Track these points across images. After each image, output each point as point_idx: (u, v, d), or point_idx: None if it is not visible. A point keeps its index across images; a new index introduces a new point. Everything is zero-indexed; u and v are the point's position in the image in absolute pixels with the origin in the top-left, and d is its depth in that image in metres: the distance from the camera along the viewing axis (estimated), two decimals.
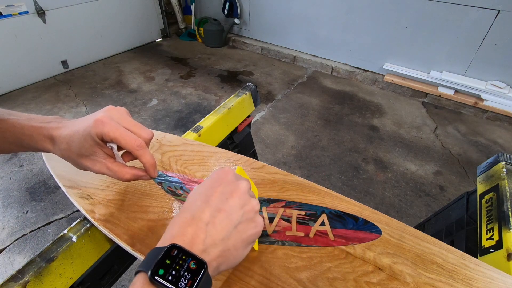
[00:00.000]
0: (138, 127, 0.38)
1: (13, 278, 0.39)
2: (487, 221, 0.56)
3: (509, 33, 2.21)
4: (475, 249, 0.55)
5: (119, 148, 0.39)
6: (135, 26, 3.55)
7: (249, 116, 0.89)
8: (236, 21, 3.58)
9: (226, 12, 3.56)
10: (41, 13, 2.67)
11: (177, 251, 0.27)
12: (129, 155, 0.41)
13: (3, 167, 1.92)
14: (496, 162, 0.64)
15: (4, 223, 1.58)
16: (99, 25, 3.17)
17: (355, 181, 1.88)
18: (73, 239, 0.44)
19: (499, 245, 0.50)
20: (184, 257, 0.26)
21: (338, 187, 1.83)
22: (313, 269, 0.39)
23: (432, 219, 0.82)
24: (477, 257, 0.53)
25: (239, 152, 0.67)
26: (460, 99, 2.56)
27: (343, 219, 0.45)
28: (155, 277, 0.25)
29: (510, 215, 0.52)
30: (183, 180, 0.49)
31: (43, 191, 1.76)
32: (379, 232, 0.43)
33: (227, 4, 3.50)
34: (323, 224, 0.45)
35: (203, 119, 0.73)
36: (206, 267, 0.27)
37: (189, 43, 3.86)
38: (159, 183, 0.46)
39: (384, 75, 2.91)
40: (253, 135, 1.13)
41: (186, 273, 0.26)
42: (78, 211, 1.19)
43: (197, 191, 0.34)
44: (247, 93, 0.84)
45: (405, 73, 2.75)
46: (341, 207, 0.47)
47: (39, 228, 1.57)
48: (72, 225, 0.46)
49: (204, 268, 0.27)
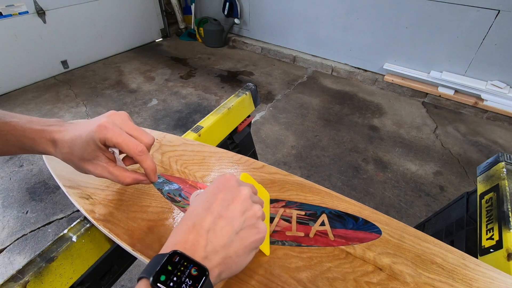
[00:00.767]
0: (139, 132, 0.39)
1: (13, 278, 0.39)
2: (487, 221, 0.56)
3: (509, 33, 2.21)
4: (475, 249, 0.55)
5: (120, 152, 0.40)
6: (135, 26, 3.55)
7: (249, 116, 0.89)
8: (236, 21, 3.58)
9: (226, 12, 3.56)
10: (41, 13, 2.67)
11: (178, 258, 0.27)
12: (130, 159, 0.42)
13: (3, 167, 1.92)
14: (496, 162, 0.64)
15: (4, 223, 1.58)
16: (99, 25, 3.17)
17: (355, 181, 1.88)
18: (73, 239, 0.44)
19: (499, 245, 0.50)
20: (185, 264, 0.27)
21: (338, 187, 1.83)
22: (313, 269, 0.39)
23: (432, 219, 0.82)
24: (477, 257, 0.53)
25: (239, 152, 0.67)
26: (460, 99, 2.56)
27: (343, 219, 0.45)
28: (157, 283, 0.25)
29: (510, 215, 0.52)
30: (182, 184, 0.49)
31: (43, 191, 1.76)
32: (379, 232, 0.43)
33: (227, 4, 3.50)
34: (323, 224, 0.45)
35: (203, 119, 0.73)
36: (207, 274, 0.27)
37: (189, 43, 3.86)
38: (159, 189, 0.47)
39: (384, 75, 2.91)
40: (253, 135, 1.13)
41: (187, 279, 0.26)
42: (78, 211, 1.19)
43: (199, 198, 0.33)
44: (247, 93, 0.84)
45: (405, 73, 2.75)
46: (341, 207, 0.47)
47: (39, 228, 1.57)
48: (72, 225, 0.46)
49: (205, 275, 0.27)
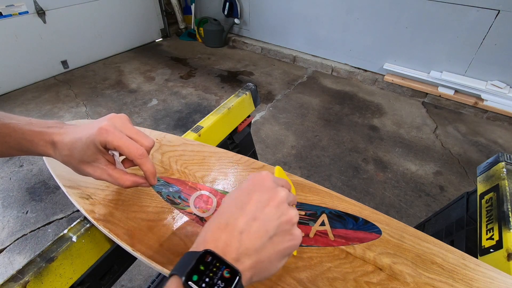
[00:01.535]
0: (139, 135, 0.39)
1: (13, 278, 0.39)
2: (487, 221, 0.56)
3: (509, 33, 2.21)
4: (475, 249, 0.55)
5: (120, 154, 0.40)
6: (135, 26, 3.55)
7: (249, 116, 0.89)
8: (236, 21, 3.58)
9: (226, 12, 3.56)
10: (41, 13, 2.67)
11: (211, 258, 0.26)
12: (129, 162, 0.42)
13: (3, 167, 1.92)
14: (496, 162, 0.64)
15: (4, 223, 1.58)
16: (99, 25, 3.17)
17: (355, 181, 1.88)
18: (73, 239, 0.44)
19: (499, 245, 0.50)
20: (218, 265, 0.26)
21: (338, 187, 1.83)
22: (313, 269, 0.39)
23: (432, 219, 0.82)
24: (477, 257, 0.53)
25: (239, 152, 0.67)
26: (460, 99, 2.56)
27: (343, 219, 0.45)
28: (189, 282, 0.25)
29: (510, 215, 0.52)
30: (182, 186, 0.49)
31: (43, 191, 1.76)
32: (379, 232, 0.43)
33: (227, 4, 3.50)
34: (323, 224, 0.45)
35: (203, 119, 0.73)
36: (240, 277, 0.26)
37: (189, 43, 3.86)
38: (158, 192, 0.47)
39: (384, 75, 2.91)
40: (253, 135, 1.13)
41: (219, 281, 0.25)
42: (78, 211, 1.19)
43: (233, 195, 0.32)
44: (247, 93, 0.84)
45: (405, 73, 2.75)
46: (341, 207, 0.47)
47: (39, 228, 1.57)
48: (72, 225, 0.46)
49: (238, 277, 0.26)
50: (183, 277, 0.25)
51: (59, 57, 2.95)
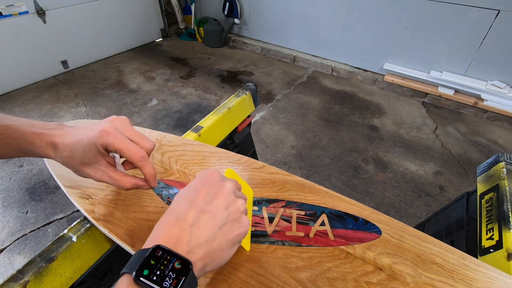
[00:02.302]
0: (140, 137, 0.40)
1: (13, 278, 0.39)
2: (487, 221, 0.56)
3: (509, 33, 2.21)
4: (475, 249, 0.55)
5: (120, 156, 0.40)
6: (135, 26, 3.55)
7: (249, 116, 0.89)
8: (236, 21, 3.58)
9: (226, 12, 3.56)
10: (41, 13, 2.67)
11: (161, 252, 0.27)
12: (129, 164, 0.42)
13: (3, 167, 1.92)
14: (496, 162, 0.64)
15: (4, 223, 1.58)
16: (99, 25, 3.17)
17: (355, 181, 1.88)
18: (73, 239, 0.44)
19: (499, 245, 0.50)
20: (168, 257, 0.27)
21: (338, 187, 1.83)
22: (313, 269, 0.39)
23: (432, 219, 0.82)
24: (477, 257, 0.53)
25: (239, 152, 0.67)
26: (460, 99, 2.56)
27: (343, 219, 0.45)
28: (140, 277, 0.25)
29: (510, 215, 0.52)
30: (181, 188, 0.49)
31: (43, 191, 1.76)
32: (379, 232, 0.43)
33: (227, 4, 3.50)
34: (323, 224, 0.45)
35: (203, 119, 0.73)
36: (191, 267, 0.27)
37: (189, 43, 3.86)
38: (159, 194, 0.48)
39: (384, 75, 2.91)
40: (253, 135, 1.13)
41: (170, 273, 0.26)
42: (78, 211, 1.19)
43: (182, 193, 0.34)
44: (247, 93, 0.84)
45: (405, 73, 2.75)
46: (341, 207, 0.47)
47: (39, 228, 1.57)
48: (72, 225, 0.46)
49: (189, 268, 0.27)
50: (134, 273, 0.25)
51: (59, 57, 2.95)
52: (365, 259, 0.40)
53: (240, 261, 0.40)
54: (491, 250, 0.50)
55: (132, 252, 0.41)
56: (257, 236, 0.43)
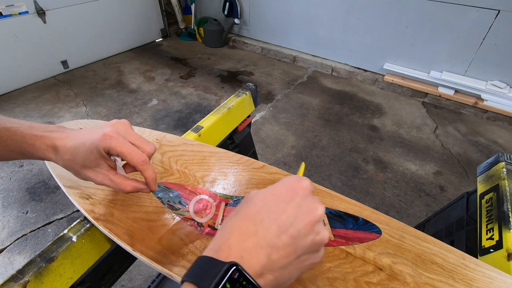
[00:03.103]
0: (141, 141, 0.40)
1: (13, 278, 0.39)
2: (487, 221, 0.56)
3: (509, 33, 2.21)
4: (475, 249, 0.55)
5: (122, 160, 0.41)
6: (135, 26, 3.55)
7: (249, 116, 0.89)
8: (236, 21, 3.58)
9: (226, 12, 3.56)
10: (41, 13, 2.67)
11: (238, 274, 0.23)
12: (130, 167, 0.42)
13: (3, 167, 1.92)
14: (496, 162, 0.64)
15: (4, 223, 1.58)
16: (99, 25, 3.17)
17: (355, 181, 1.88)
18: (73, 239, 0.44)
19: (499, 245, 0.50)
20: (244, 283, 0.23)
21: (338, 187, 1.83)
22: (313, 269, 0.39)
23: (432, 219, 0.82)
24: (477, 257, 0.53)
25: (239, 152, 0.67)
26: (460, 99, 2.56)
27: (343, 219, 0.45)
28: None
29: (510, 215, 0.52)
30: (181, 191, 0.49)
31: (43, 191, 1.76)
32: (379, 232, 0.43)
33: (227, 4, 3.50)
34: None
35: (203, 119, 0.73)
36: None
37: (189, 43, 3.86)
38: (159, 198, 0.48)
39: (384, 75, 2.91)
40: (253, 135, 1.13)
41: None
42: (78, 211, 1.19)
43: (264, 198, 0.29)
44: (247, 93, 0.84)
45: (405, 73, 2.75)
46: (341, 207, 0.47)
47: (39, 228, 1.56)
48: (72, 225, 0.46)
49: None
50: None
51: (59, 57, 2.95)
52: (365, 259, 0.40)
53: None
54: (491, 250, 0.50)
55: (132, 252, 0.41)
56: None
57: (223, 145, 0.82)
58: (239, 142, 0.88)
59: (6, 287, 0.37)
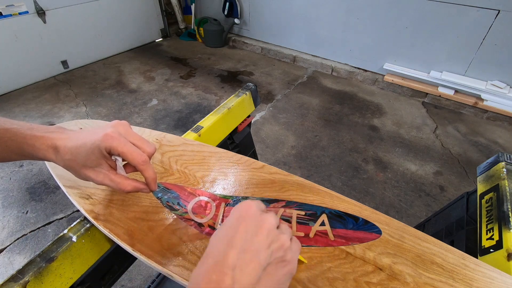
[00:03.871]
0: (142, 141, 0.40)
1: (13, 278, 0.39)
2: (487, 221, 0.56)
3: (509, 33, 2.21)
4: (475, 249, 0.55)
5: (123, 160, 0.41)
6: (135, 26, 3.55)
7: (249, 116, 0.89)
8: (236, 21, 3.58)
9: (226, 12, 3.56)
10: (41, 13, 2.67)
11: None
12: (130, 167, 0.43)
13: (3, 167, 1.92)
14: (496, 162, 0.64)
15: (4, 223, 1.58)
16: (99, 25, 3.17)
17: (355, 181, 1.88)
18: (73, 239, 0.44)
19: (499, 245, 0.50)
20: None
21: (338, 187, 1.83)
22: (313, 269, 0.39)
23: (432, 219, 0.82)
24: (477, 257, 0.53)
25: (239, 152, 0.67)
26: (460, 99, 2.56)
27: (343, 219, 0.45)
28: None
29: (510, 215, 0.52)
30: (180, 192, 0.49)
31: (43, 191, 1.76)
32: (379, 232, 0.43)
33: (227, 4, 3.50)
34: (323, 224, 0.45)
35: (203, 119, 0.73)
36: None
37: (189, 43, 3.86)
38: (158, 198, 0.48)
39: (384, 75, 2.91)
40: (253, 135, 1.13)
41: None
42: (78, 211, 1.19)
43: (218, 233, 0.30)
44: (247, 93, 0.84)
45: (405, 73, 2.75)
46: (341, 207, 0.47)
47: (39, 228, 1.57)
48: (72, 225, 0.46)
49: None
50: None
51: (59, 57, 2.95)
52: (365, 259, 0.40)
53: None
54: (491, 250, 0.50)
55: (132, 252, 0.41)
56: None
57: (223, 145, 0.82)
58: (239, 142, 0.88)
59: (6, 287, 0.37)
